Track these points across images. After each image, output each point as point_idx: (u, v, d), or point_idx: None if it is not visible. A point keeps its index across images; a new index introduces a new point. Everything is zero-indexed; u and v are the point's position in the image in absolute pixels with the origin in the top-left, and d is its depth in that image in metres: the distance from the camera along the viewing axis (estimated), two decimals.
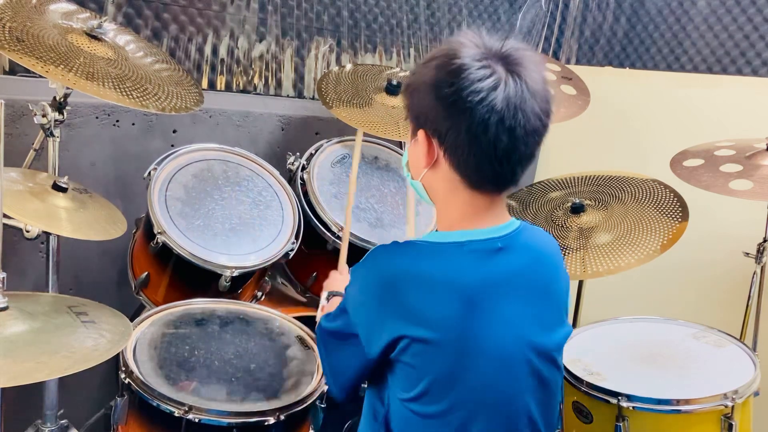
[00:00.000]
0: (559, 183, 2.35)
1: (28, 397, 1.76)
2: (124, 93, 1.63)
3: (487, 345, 1.10)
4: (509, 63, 1.07)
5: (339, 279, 1.60)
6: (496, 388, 1.12)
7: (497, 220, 1.17)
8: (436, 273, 1.10)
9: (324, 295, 1.50)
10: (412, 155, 1.20)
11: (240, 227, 1.93)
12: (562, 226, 2.15)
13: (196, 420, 1.43)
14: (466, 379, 1.10)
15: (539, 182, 2.41)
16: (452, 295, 1.09)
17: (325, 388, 1.60)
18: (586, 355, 1.83)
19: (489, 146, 1.07)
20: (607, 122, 2.90)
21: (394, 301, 1.10)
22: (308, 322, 1.83)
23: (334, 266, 1.98)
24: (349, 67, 2.59)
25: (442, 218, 1.20)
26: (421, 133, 1.13)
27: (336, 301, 1.37)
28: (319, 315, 1.42)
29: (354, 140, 2.30)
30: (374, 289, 1.12)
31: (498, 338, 1.11)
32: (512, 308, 1.13)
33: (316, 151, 2.20)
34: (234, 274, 1.82)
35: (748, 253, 2.09)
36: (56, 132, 1.69)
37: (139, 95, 1.67)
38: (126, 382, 1.50)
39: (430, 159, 1.14)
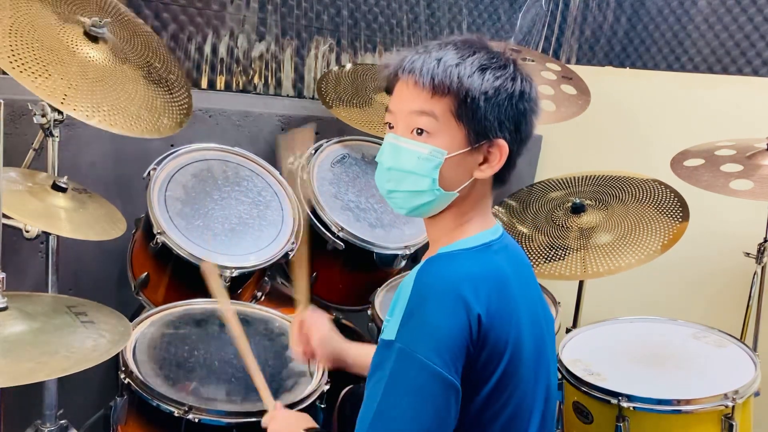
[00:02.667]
0: (559, 183, 2.35)
1: (28, 397, 1.76)
2: (103, 111, 1.62)
3: (526, 339, 1.12)
4: (526, 70, 1.15)
5: (284, 417, 1.33)
6: (531, 386, 1.14)
7: (493, 218, 1.21)
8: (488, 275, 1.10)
9: None
10: (457, 165, 1.10)
11: (239, 227, 1.93)
12: (563, 226, 2.15)
13: (196, 420, 1.43)
14: (519, 375, 1.10)
15: (539, 182, 2.41)
16: (503, 292, 1.09)
17: (326, 388, 1.60)
18: (586, 355, 1.83)
19: (526, 148, 1.15)
20: (607, 122, 2.90)
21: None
22: None
23: (334, 266, 1.97)
24: (349, 66, 2.59)
25: (447, 221, 1.16)
26: (502, 143, 1.10)
27: None
28: None
29: (354, 140, 2.31)
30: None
31: (528, 331, 1.13)
32: (530, 299, 1.18)
33: (316, 151, 2.19)
34: (233, 275, 1.82)
35: (748, 253, 2.09)
36: (56, 132, 1.69)
37: (118, 115, 1.66)
38: (125, 382, 1.50)
39: (497, 169, 1.12)
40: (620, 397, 1.63)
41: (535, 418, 1.15)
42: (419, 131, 1.09)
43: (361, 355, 1.44)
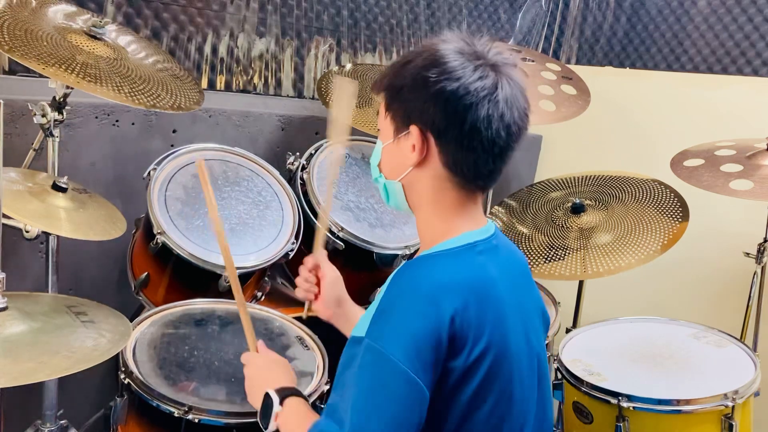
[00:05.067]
0: (559, 183, 2.35)
1: (28, 397, 1.76)
2: (124, 92, 1.63)
3: (514, 340, 1.11)
4: (498, 64, 1.10)
5: (260, 364, 1.31)
6: (522, 385, 1.14)
7: (484, 219, 1.20)
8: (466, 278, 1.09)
9: (274, 399, 1.17)
10: (391, 154, 1.17)
11: (240, 227, 1.93)
12: (563, 226, 2.15)
13: (196, 420, 1.42)
14: (506, 378, 1.10)
15: (539, 182, 2.42)
16: (483, 294, 1.09)
17: (326, 388, 1.60)
18: (586, 355, 1.83)
19: (489, 143, 1.09)
20: (608, 122, 2.90)
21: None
22: (308, 322, 1.82)
23: (334, 266, 1.97)
24: (349, 66, 2.59)
25: (429, 222, 1.17)
26: (414, 129, 1.11)
27: (296, 404, 1.18)
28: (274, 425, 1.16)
29: (354, 140, 2.31)
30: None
31: (517, 330, 1.13)
32: (519, 300, 1.17)
33: (316, 151, 2.19)
34: None
35: (748, 253, 2.09)
36: (56, 132, 1.69)
37: (139, 94, 1.67)
38: (125, 382, 1.50)
39: (420, 156, 1.12)
40: (620, 397, 1.63)
41: (529, 420, 1.15)
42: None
43: (359, 314, 1.44)
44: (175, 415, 1.43)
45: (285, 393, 1.19)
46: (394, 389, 0.99)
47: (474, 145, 1.09)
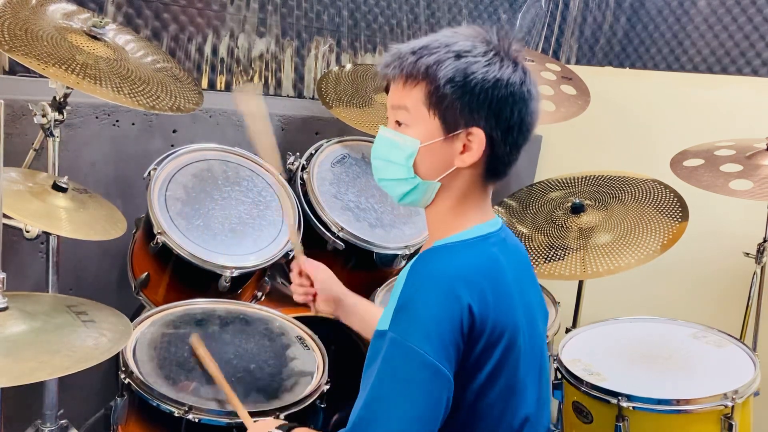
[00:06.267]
0: (559, 183, 2.35)
1: (28, 397, 1.76)
2: (124, 93, 1.64)
3: (521, 331, 1.12)
4: (518, 58, 1.11)
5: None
6: (526, 375, 1.15)
7: (492, 212, 1.21)
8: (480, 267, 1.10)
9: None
10: (433, 153, 1.10)
11: (240, 227, 1.93)
12: (562, 226, 2.15)
13: (196, 420, 1.43)
14: (514, 363, 1.11)
15: (539, 182, 2.42)
16: (497, 283, 1.10)
17: (326, 388, 1.60)
18: (586, 355, 1.83)
19: (530, 133, 1.13)
20: (607, 122, 2.90)
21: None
22: (308, 322, 1.83)
23: (334, 266, 1.98)
24: (349, 67, 2.59)
25: (444, 216, 1.16)
26: (477, 131, 1.07)
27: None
28: None
29: (354, 140, 2.31)
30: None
31: (523, 321, 1.14)
32: (524, 290, 1.19)
33: (316, 151, 2.20)
34: (234, 275, 1.82)
35: (748, 253, 2.09)
36: (56, 132, 1.69)
37: (139, 95, 1.68)
38: (126, 382, 1.50)
39: (477, 157, 1.09)
40: (620, 397, 1.63)
41: (530, 410, 1.16)
42: (399, 123, 1.13)
43: (358, 304, 1.46)
44: (176, 414, 1.43)
45: (289, 426, 1.23)
46: (422, 381, 1.00)
47: (526, 137, 1.12)
